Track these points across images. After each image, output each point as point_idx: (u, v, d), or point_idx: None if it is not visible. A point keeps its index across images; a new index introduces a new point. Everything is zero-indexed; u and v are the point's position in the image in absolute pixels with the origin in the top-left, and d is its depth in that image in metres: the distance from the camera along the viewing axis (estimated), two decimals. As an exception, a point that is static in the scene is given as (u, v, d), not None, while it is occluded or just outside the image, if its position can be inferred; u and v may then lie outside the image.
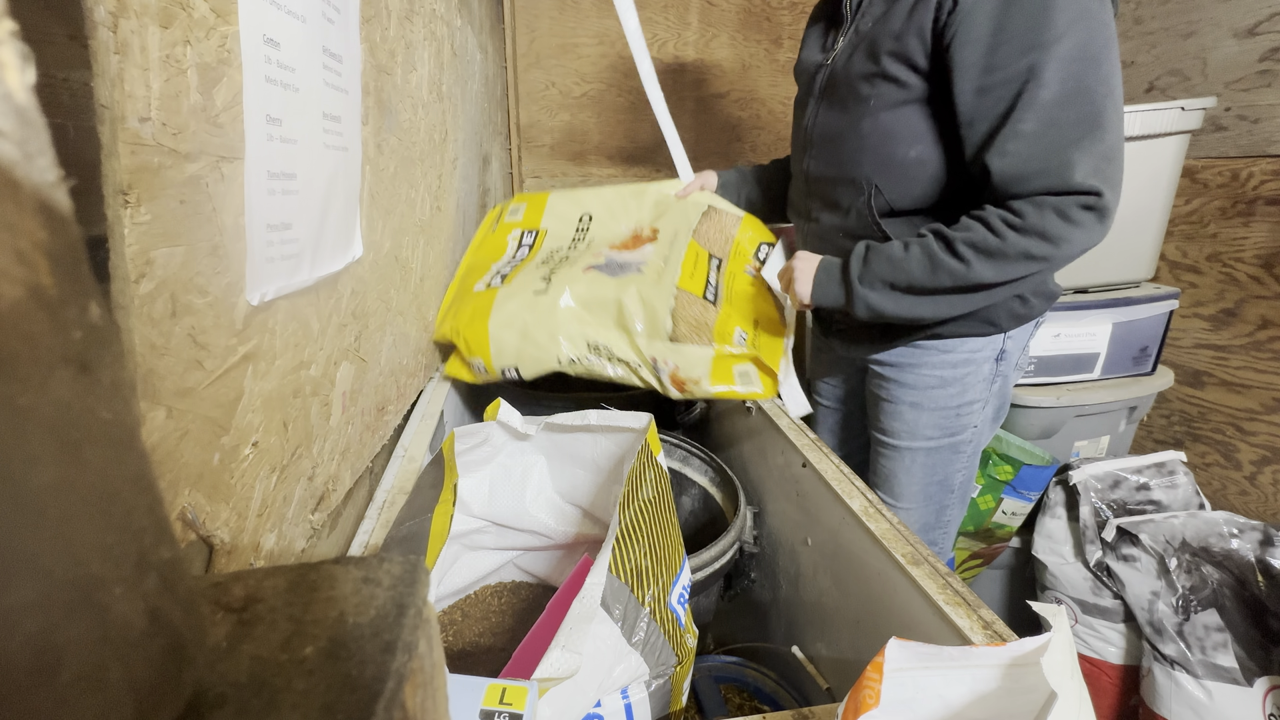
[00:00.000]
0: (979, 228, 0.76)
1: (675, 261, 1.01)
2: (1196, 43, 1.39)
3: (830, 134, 0.91)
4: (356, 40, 0.58)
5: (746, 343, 0.95)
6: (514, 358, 0.96)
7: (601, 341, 0.95)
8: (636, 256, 1.03)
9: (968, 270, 0.76)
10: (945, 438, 0.95)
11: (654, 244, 1.06)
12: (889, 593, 0.59)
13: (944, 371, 0.92)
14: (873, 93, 0.83)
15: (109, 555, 0.13)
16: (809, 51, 0.99)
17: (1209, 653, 1.03)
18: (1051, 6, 0.68)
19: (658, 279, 0.97)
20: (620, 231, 1.12)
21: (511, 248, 1.14)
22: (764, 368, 0.94)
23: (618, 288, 0.96)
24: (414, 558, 0.22)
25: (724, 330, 0.95)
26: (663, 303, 0.94)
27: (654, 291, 0.95)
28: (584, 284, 0.97)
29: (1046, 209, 0.72)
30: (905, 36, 0.77)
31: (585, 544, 0.75)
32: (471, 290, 1.05)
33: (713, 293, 0.99)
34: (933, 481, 0.99)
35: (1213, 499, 1.42)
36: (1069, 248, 0.73)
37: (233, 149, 0.39)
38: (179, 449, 0.36)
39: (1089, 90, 0.70)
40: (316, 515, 0.56)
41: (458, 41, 1.12)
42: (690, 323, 0.93)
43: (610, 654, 0.46)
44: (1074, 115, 0.70)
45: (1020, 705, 0.36)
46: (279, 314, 0.47)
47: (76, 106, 0.30)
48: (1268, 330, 1.30)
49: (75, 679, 0.12)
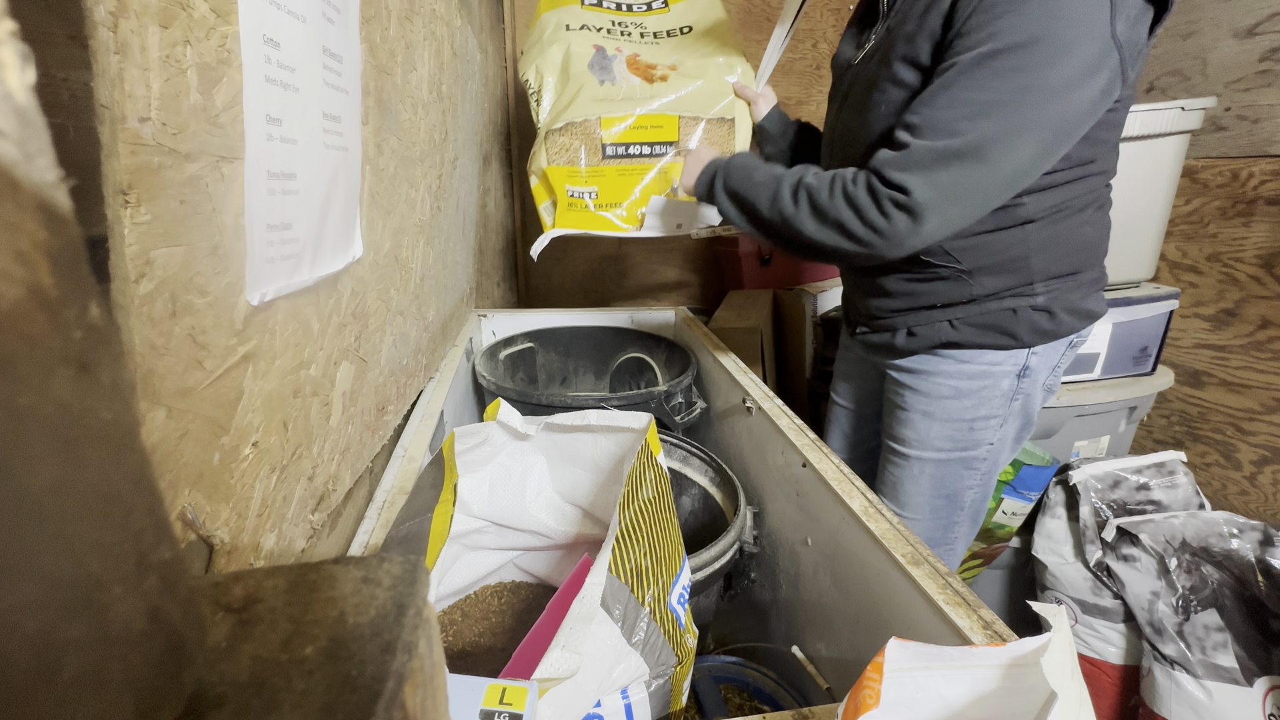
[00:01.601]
0: (826, 181, 0.77)
1: (629, 109, 1.07)
2: (1196, 43, 1.39)
3: (848, 138, 0.90)
4: (356, 40, 0.58)
5: (579, 202, 1.06)
6: (527, 45, 1.18)
7: (543, 90, 1.11)
8: (621, 75, 1.13)
9: (795, 214, 0.78)
10: (956, 451, 0.93)
11: (644, 84, 1.11)
12: (889, 593, 0.59)
13: (960, 382, 0.90)
14: (882, 98, 0.81)
15: (109, 555, 0.13)
16: (843, 49, 0.97)
17: (1209, 653, 1.03)
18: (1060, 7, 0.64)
19: (601, 99, 1.07)
20: (662, 59, 1.16)
21: (644, 1, 1.26)
22: (554, 217, 1.07)
23: (578, 75, 1.09)
24: (414, 558, 0.22)
25: (578, 176, 1.06)
26: (576, 112, 1.06)
27: (585, 104, 1.07)
28: (578, 50, 1.11)
29: (873, 189, 0.72)
30: (917, 38, 0.75)
31: (585, 544, 0.75)
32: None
33: (617, 151, 1.07)
34: (940, 495, 0.96)
35: (1213, 499, 1.42)
36: (878, 238, 0.73)
37: (233, 149, 0.39)
38: (179, 449, 0.36)
39: (1001, 117, 0.66)
40: (316, 515, 0.56)
41: (458, 41, 1.12)
42: (566, 144, 1.06)
43: (610, 654, 0.46)
44: (961, 123, 0.67)
45: (1020, 705, 0.36)
46: (279, 314, 0.47)
47: (76, 106, 0.30)
48: (1268, 330, 1.30)
49: (75, 679, 0.12)
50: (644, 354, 1.40)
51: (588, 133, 1.05)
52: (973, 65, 0.67)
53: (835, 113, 0.94)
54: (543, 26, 1.16)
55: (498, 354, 1.31)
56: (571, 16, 1.16)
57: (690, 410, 1.11)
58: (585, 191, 1.05)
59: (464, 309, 1.36)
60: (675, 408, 1.09)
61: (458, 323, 1.28)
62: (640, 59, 1.13)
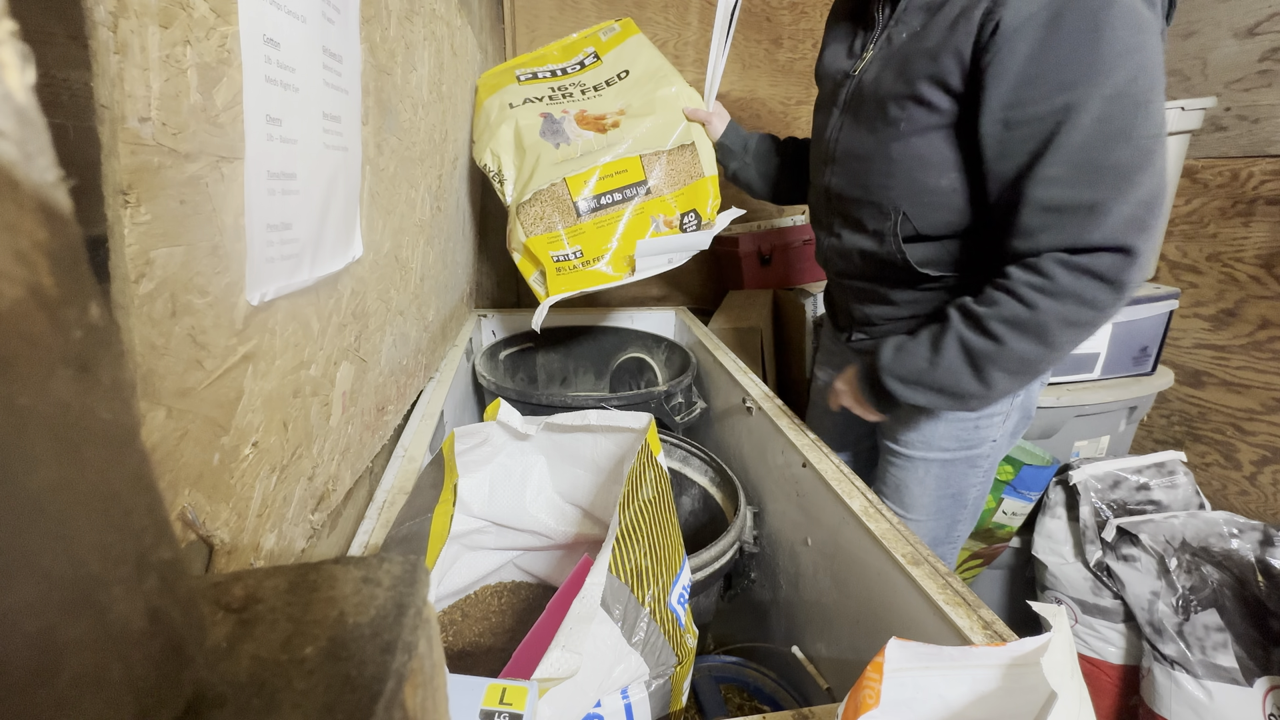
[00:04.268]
0: (1007, 300, 0.69)
1: (591, 162, 1.07)
2: (1196, 43, 1.39)
3: (855, 153, 0.86)
4: (356, 40, 0.58)
5: (568, 264, 1.06)
6: (476, 135, 1.20)
7: (504, 171, 1.13)
8: (573, 134, 1.11)
9: (1002, 349, 0.70)
10: (962, 450, 0.92)
11: (597, 134, 1.11)
12: (889, 593, 0.59)
13: None
14: (903, 115, 0.77)
15: (109, 555, 0.13)
16: (833, 56, 0.93)
17: (1209, 653, 1.03)
18: (1100, 38, 0.62)
19: (559, 167, 1.07)
20: (609, 107, 1.17)
21: (575, 60, 1.28)
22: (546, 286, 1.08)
23: (533, 145, 1.09)
24: (414, 558, 0.22)
25: (559, 240, 1.06)
26: (540, 180, 1.06)
27: (545, 169, 1.07)
28: (526, 124, 1.12)
29: (1076, 269, 0.65)
30: (942, 57, 0.71)
31: (585, 544, 0.75)
32: (513, 71, 1.26)
33: (592, 206, 1.07)
34: (946, 494, 0.95)
35: (1213, 499, 1.42)
36: (1110, 308, 0.67)
37: (233, 149, 0.39)
38: (179, 449, 0.36)
39: (1129, 132, 0.62)
40: (316, 515, 0.56)
41: (458, 41, 1.12)
42: (539, 213, 1.06)
43: (610, 654, 0.46)
44: (1111, 160, 0.63)
45: (1020, 705, 0.36)
46: (279, 314, 0.47)
47: (76, 106, 0.30)
48: (1268, 330, 1.30)
49: (75, 679, 0.12)
50: (644, 354, 1.40)
51: (557, 197, 1.06)
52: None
53: (835, 125, 0.90)
54: (487, 112, 1.18)
55: (498, 354, 1.31)
56: (512, 95, 1.18)
57: (690, 410, 1.11)
58: (570, 253, 1.06)
59: (464, 309, 1.36)
60: (675, 408, 1.09)
61: (458, 323, 1.28)
62: (588, 113, 1.14)
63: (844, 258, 0.93)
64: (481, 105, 1.20)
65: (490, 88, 1.22)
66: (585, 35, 1.34)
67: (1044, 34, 0.64)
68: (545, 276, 1.06)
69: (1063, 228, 0.66)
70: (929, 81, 0.73)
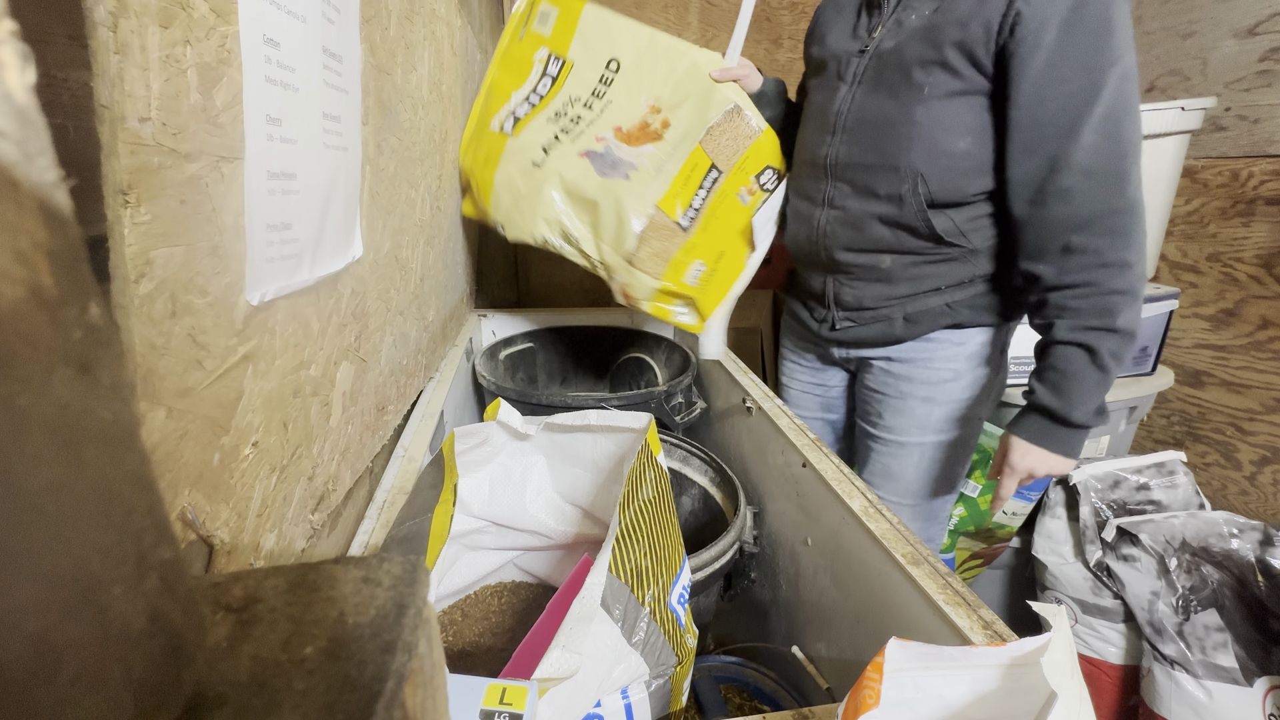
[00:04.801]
0: (1089, 295, 0.77)
1: (669, 173, 1.00)
2: (1196, 43, 1.39)
3: (873, 119, 0.89)
4: (356, 40, 0.58)
5: (700, 279, 0.99)
6: (504, 217, 1.04)
7: (574, 233, 1.01)
8: (633, 156, 1.01)
9: (1125, 341, 0.77)
10: (954, 430, 0.96)
11: (657, 144, 1.01)
12: (889, 593, 0.59)
13: (958, 364, 0.93)
14: (928, 80, 0.82)
15: (109, 555, 0.13)
16: (836, 38, 0.96)
17: (1209, 653, 1.03)
18: (1112, 32, 0.73)
19: (642, 191, 0.98)
20: (635, 108, 1.04)
21: (535, 76, 1.07)
22: (696, 313, 1.00)
23: (601, 191, 0.98)
24: (414, 558, 0.22)
25: (683, 261, 0.98)
26: (637, 219, 0.97)
27: (631, 203, 0.97)
28: (575, 173, 0.99)
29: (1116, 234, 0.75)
30: (971, 25, 0.77)
31: (585, 544, 0.75)
32: (488, 127, 1.07)
33: (691, 215, 1.00)
34: (938, 476, 0.98)
35: (1213, 499, 1.42)
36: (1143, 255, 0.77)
37: (233, 149, 0.39)
38: (179, 449, 0.36)
39: (1134, 107, 0.74)
40: (316, 515, 0.56)
41: (458, 41, 1.12)
42: (652, 250, 0.97)
43: (610, 654, 0.46)
44: (1125, 130, 0.74)
45: (1020, 705, 0.36)
46: (279, 314, 0.47)
47: (76, 106, 0.30)
48: (1268, 330, 1.30)
49: (75, 679, 0.12)
50: (644, 354, 1.40)
51: (659, 226, 0.97)
52: None
53: (845, 98, 0.92)
54: (507, 187, 1.01)
55: (498, 354, 1.31)
56: (520, 154, 1.01)
57: (690, 410, 1.11)
58: (697, 268, 0.99)
59: (464, 309, 1.36)
60: (675, 408, 1.09)
61: (458, 323, 1.28)
62: (626, 128, 1.02)
63: (852, 227, 0.93)
64: (490, 183, 1.04)
65: (484, 160, 1.06)
66: (519, 38, 1.09)
67: (1068, 21, 0.73)
68: (694, 303, 0.99)
69: (1094, 191, 0.75)
70: (956, 49, 0.80)
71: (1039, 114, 0.76)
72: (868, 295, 0.96)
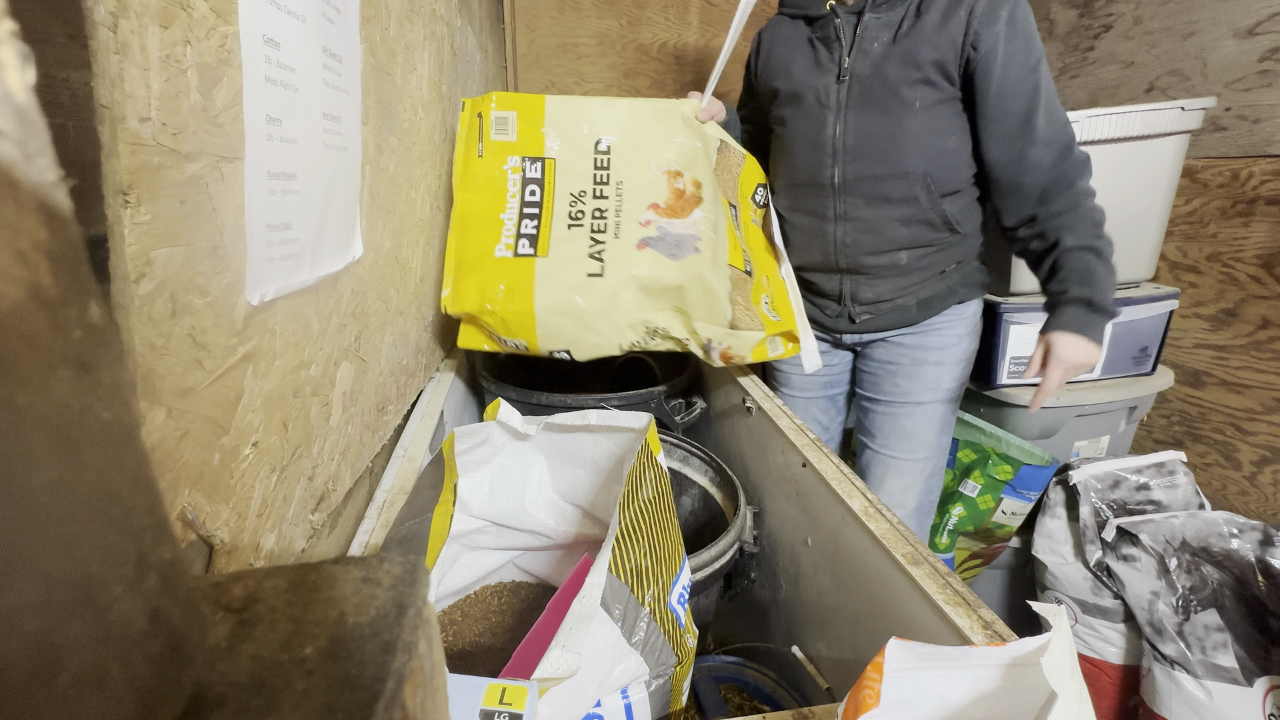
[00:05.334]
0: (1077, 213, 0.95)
1: (722, 230, 0.99)
2: (1196, 43, 1.39)
3: (872, 136, 1.01)
4: (356, 40, 0.58)
5: (772, 308, 1.02)
6: (568, 342, 0.94)
7: (660, 325, 0.96)
8: (689, 228, 0.96)
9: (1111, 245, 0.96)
10: (957, 388, 1.12)
11: (701, 208, 0.99)
12: (889, 593, 0.59)
13: (961, 328, 1.10)
14: (915, 95, 0.98)
15: (109, 555, 0.13)
16: (802, 71, 1.05)
17: (1209, 653, 1.03)
18: (1032, 34, 0.93)
19: (714, 258, 0.95)
20: (653, 179, 0.99)
21: (514, 188, 0.99)
22: (788, 335, 1.01)
23: (680, 273, 0.93)
24: (414, 558, 0.22)
25: (757, 301, 1.00)
26: (721, 286, 0.94)
27: (713, 274, 0.93)
28: (645, 267, 0.93)
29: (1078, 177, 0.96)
30: (941, 46, 0.94)
31: (585, 544, 0.75)
32: (491, 255, 0.95)
33: (746, 259, 1.02)
34: (945, 430, 1.13)
35: (1213, 499, 1.42)
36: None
37: (233, 149, 0.39)
38: (179, 449, 0.36)
39: (1053, 86, 0.97)
40: (316, 515, 0.56)
41: (458, 41, 1.12)
42: (742, 305, 0.97)
43: (610, 654, 0.46)
44: (1058, 108, 0.96)
45: (1020, 705, 0.36)
46: (279, 314, 0.47)
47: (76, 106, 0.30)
48: (1268, 330, 1.30)
49: (75, 679, 0.12)
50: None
51: (736, 282, 0.96)
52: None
53: (834, 123, 1.03)
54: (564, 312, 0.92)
55: (498, 354, 1.31)
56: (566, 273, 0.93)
57: (690, 410, 1.11)
58: (765, 302, 1.01)
59: (464, 309, 1.36)
60: (675, 408, 1.09)
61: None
62: (660, 202, 0.97)
63: (872, 233, 1.05)
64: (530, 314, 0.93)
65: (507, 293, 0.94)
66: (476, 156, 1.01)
67: (1008, 34, 0.92)
68: (781, 335, 1.01)
69: (1053, 156, 0.95)
70: (935, 67, 0.96)
71: (1005, 107, 0.95)
72: (886, 289, 1.09)
